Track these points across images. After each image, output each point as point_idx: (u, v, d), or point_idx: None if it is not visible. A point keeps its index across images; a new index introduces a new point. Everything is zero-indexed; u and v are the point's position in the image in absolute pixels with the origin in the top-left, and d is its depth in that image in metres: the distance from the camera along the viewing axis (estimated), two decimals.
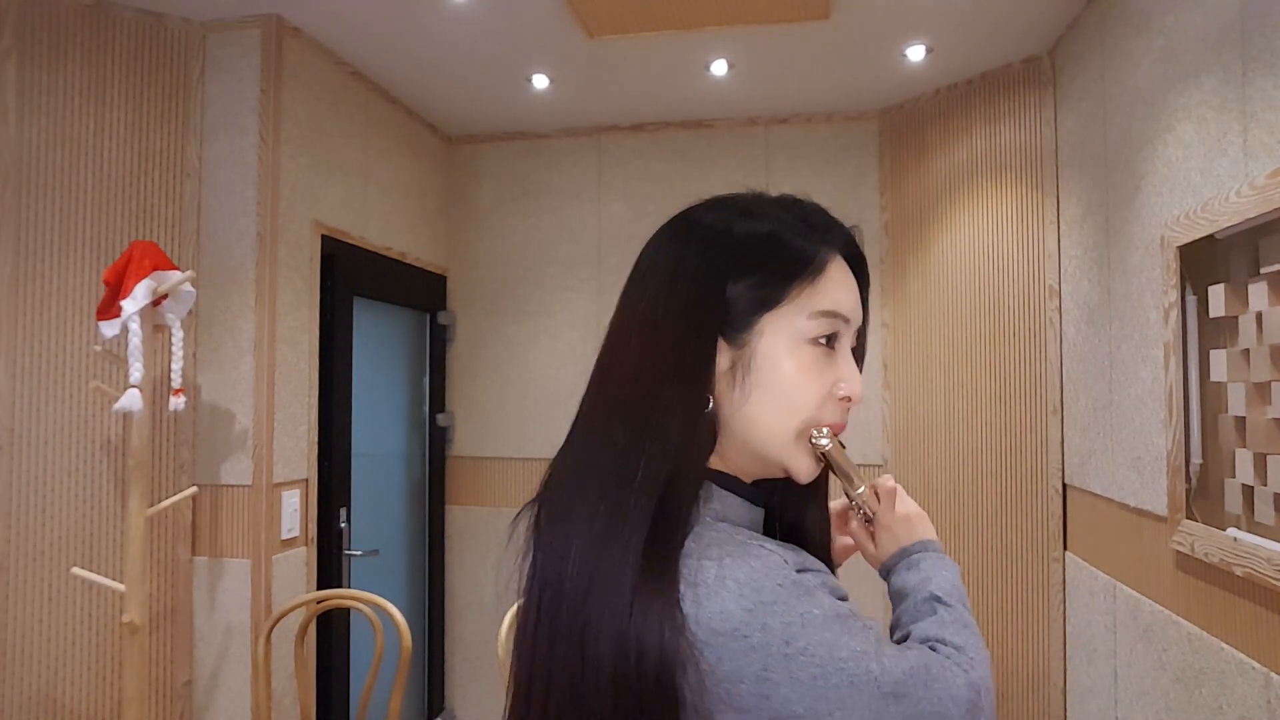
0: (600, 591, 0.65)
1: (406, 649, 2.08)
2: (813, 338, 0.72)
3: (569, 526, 0.69)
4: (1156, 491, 1.81)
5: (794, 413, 0.72)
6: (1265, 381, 1.38)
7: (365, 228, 2.78)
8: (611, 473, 0.69)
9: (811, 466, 0.75)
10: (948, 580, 0.80)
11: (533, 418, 3.33)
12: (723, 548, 0.65)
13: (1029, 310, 2.57)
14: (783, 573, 0.64)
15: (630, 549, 0.65)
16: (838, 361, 0.74)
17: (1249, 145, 1.43)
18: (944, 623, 0.75)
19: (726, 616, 0.62)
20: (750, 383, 0.71)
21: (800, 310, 0.72)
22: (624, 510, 0.67)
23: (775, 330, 0.72)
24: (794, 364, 0.72)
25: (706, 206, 0.80)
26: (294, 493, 2.39)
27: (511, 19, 2.37)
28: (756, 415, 0.72)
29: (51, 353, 2.07)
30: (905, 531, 0.85)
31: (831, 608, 0.65)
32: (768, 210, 0.76)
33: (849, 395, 0.74)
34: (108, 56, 2.18)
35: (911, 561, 0.82)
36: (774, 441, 0.72)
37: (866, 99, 2.99)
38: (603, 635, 0.64)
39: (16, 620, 2.00)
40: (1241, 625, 1.48)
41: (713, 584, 0.63)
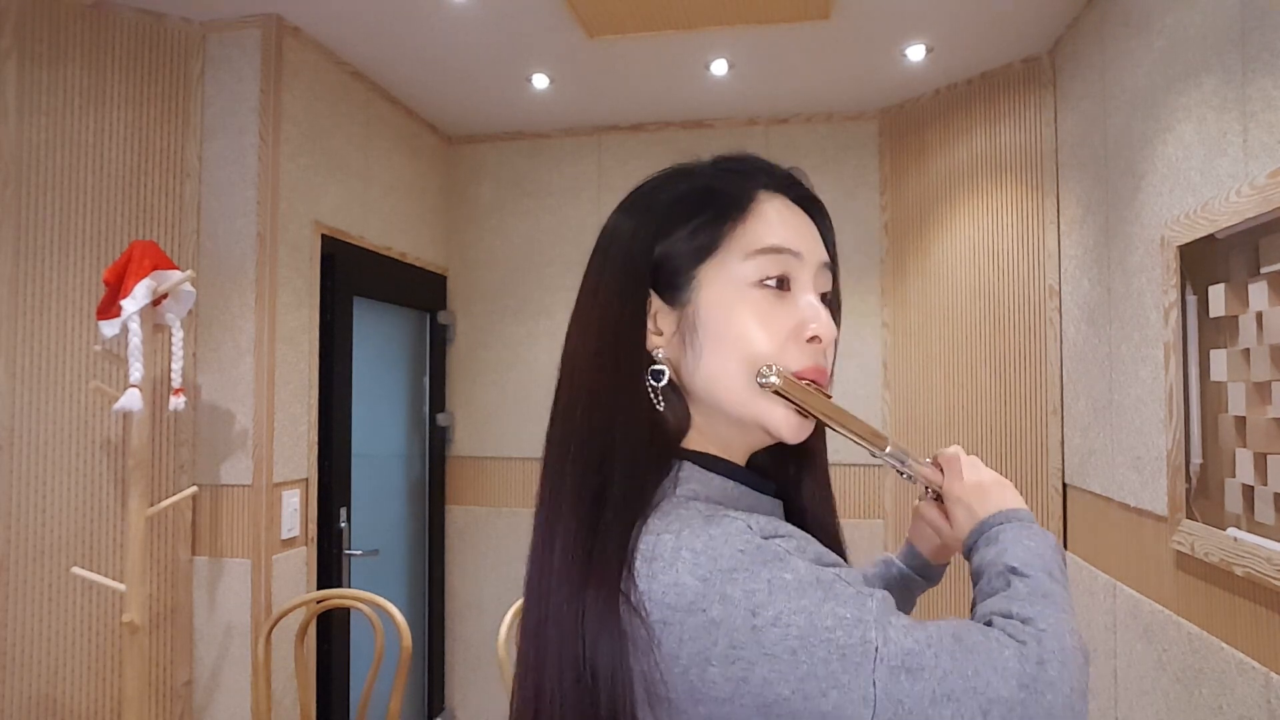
0: (546, 591, 0.63)
1: (406, 649, 2.08)
2: (757, 280, 0.67)
3: (533, 526, 0.69)
4: (1156, 491, 1.81)
5: (749, 357, 0.65)
6: (1265, 381, 1.38)
7: (365, 228, 2.78)
8: (551, 460, 0.67)
9: (790, 418, 0.67)
10: (1029, 549, 0.67)
11: (533, 418, 3.33)
12: (685, 521, 0.59)
13: (1029, 310, 2.56)
14: (744, 538, 0.57)
15: (569, 538, 0.62)
16: (797, 302, 0.68)
17: (1249, 145, 1.43)
18: (1015, 595, 0.63)
19: (681, 589, 0.56)
20: (700, 340, 0.67)
21: (735, 252, 0.67)
22: (558, 499, 0.64)
23: (713, 279, 0.67)
24: (741, 308, 0.66)
25: (645, 181, 0.76)
26: (294, 493, 2.39)
27: (511, 19, 2.37)
28: (712, 370, 0.66)
29: (51, 353, 2.07)
30: (981, 501, 0.74)
31: (809, 572, 0.56)
32: (693, 169, 0.74)
33: (818, 335, 0.67)
34: (108, 56, 2.18)
35: (990, 536, 0.71)
36: (733, 395, 0.66)
37: (866, 99, 2.99)
38: (554, 630, 0.61)
39: (16, 620, 2.00)
40: (1241, 625, 1.48)
41: (669, 556, 0.57)
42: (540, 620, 0.63)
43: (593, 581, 0.59)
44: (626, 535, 0.60)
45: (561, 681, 0.60)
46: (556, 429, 0.68)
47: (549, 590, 0.63)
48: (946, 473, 0.77)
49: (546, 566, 0.64)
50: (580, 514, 0.62)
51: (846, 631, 0.54)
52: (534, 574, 0.66)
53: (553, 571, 0.63)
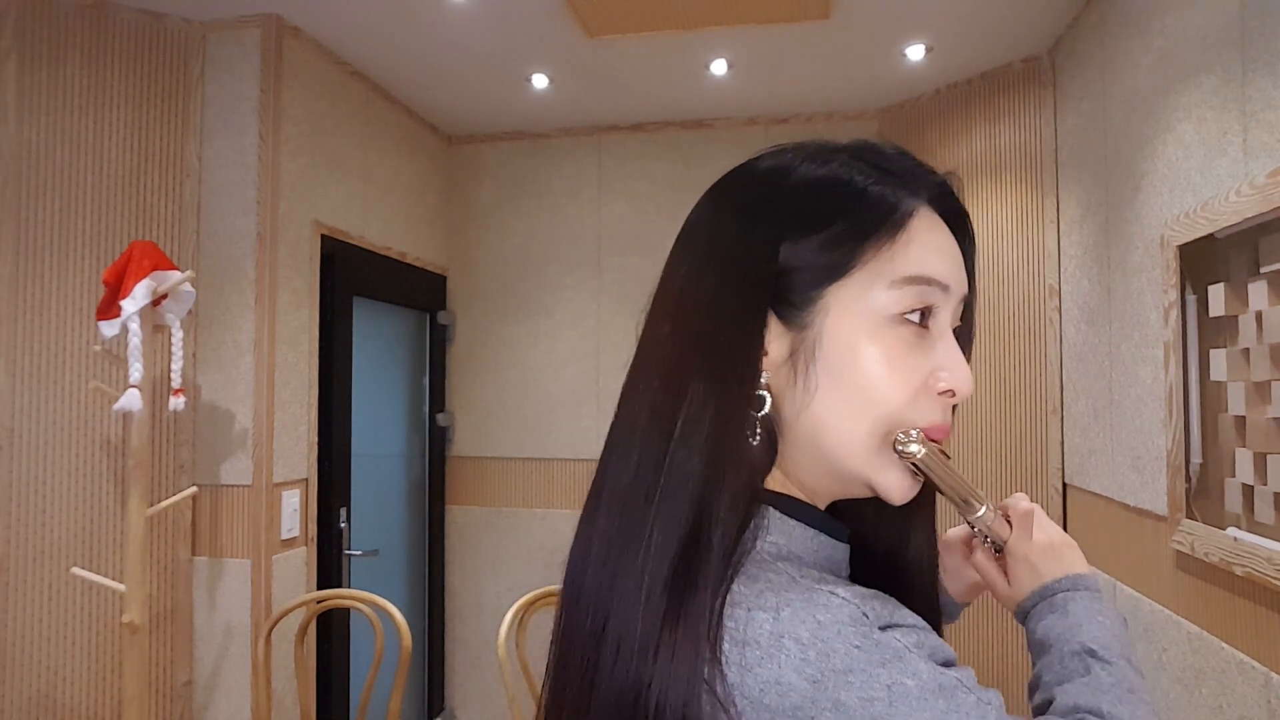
0: (612, 633, 0.52)
1: (406, 649, 2.08)
2: (898, 313, 0.56)
3: (587, 549, 0.57)
4: (1156, 491, 1.81)
5: (874, 410, 0.56)
6: (1265, 381, 1.38)
7: (365, 228, 2.78)
8: (629, 488, 0.55)
9: (906, 482, 0.58)
10: (1106, 629, 0.61)
11: (533, 418, 3.33)
12: (781, 594, 0.50)
13: (1029, 310, 2.57)
14: (859, 630, 0.48)
15: (643, 586, 0.51)
16: (935, 345, 0.57)
17: (1249, 145, 1.43)
18: (1100, 686, 0.57)
19: (785, 689, 0.47)
20: (816, 374, 0.56)
21: (878, 278, 0.56)
22: (639, 536, 0.53)
23: (846, 305, 0.56)
24: (874, 349, 0.55)
25: (764, 154, 0.64)
26: (294, 493, 2.38)
27: (511, 19, 2.37)
28: (826, 416, 0.56)
29: (51, 353, 2.07)
30: (1048, 564, 0.66)
31: (931, 677, 0.48)
32: (834, 155, 0.61)
33: (952, 388, 0.57)
34: (108, 56, 2.18)
35: (1056, 603, 0.64)
36: (850, 450, 0.56)
37: (866, 99, 2.99)
38: (612, 688, 0.51)
39: (16, 620, 2.00)
40: (1241, 625, 1.48)
41: (766, 644, 0.48)
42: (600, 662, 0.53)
43: (677, 654, 0.49)
44: (719, 598, 0.50)
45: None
46: (629, 462, 0.56)
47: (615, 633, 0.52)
48: (1016, 529, 0.69)
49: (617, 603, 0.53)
50: (669, 563, 0.51)
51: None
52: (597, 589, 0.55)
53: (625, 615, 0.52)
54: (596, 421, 3.28)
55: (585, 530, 0.59)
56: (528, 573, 3.28)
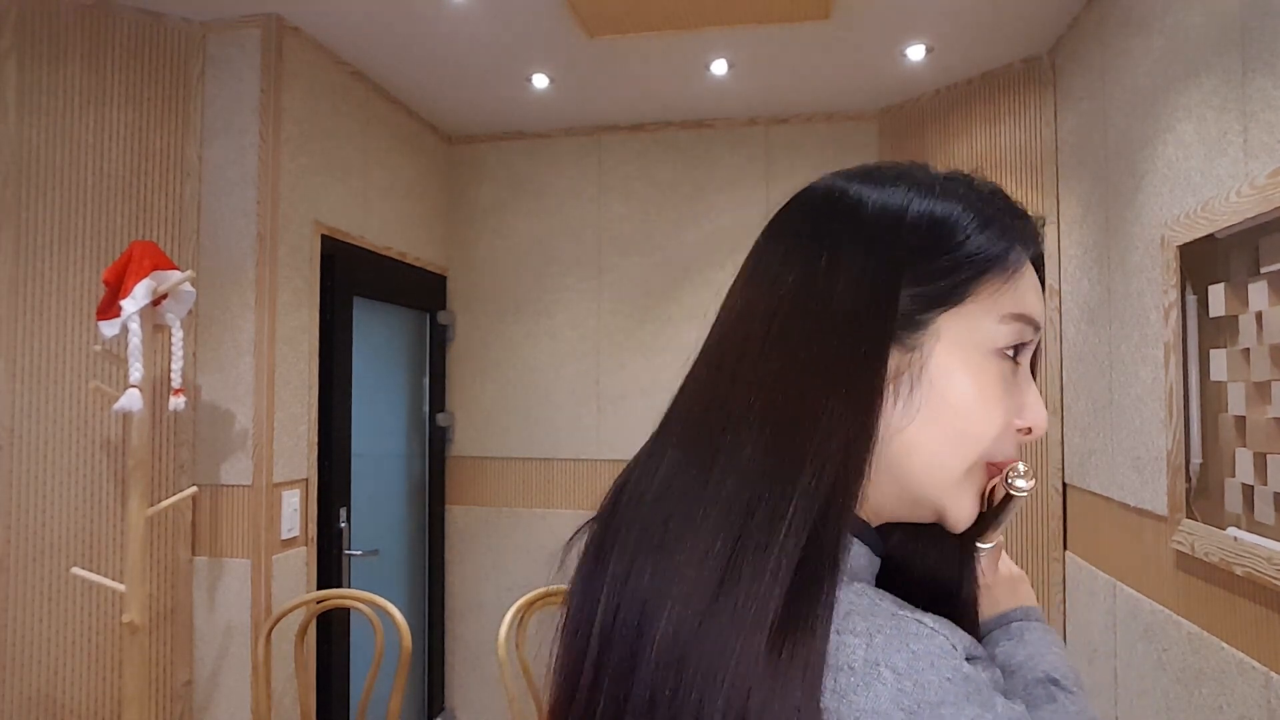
0: (712, 657, 0.49)
1: (406, 649, 2.08)
2: (1001, 347, 0.57)
3: (661, 564, 0.54)
4: (1156, 491, 1.81)
5: (969, 442, 0.57)
6: (1265, 381, 1.38)
7: (365, 228, 2.78)
8: (739, 502, 0.53)
9: (973, 512, 0.60)
10: (1060, 659, 0.68)
11: (533, 418, 3.33)
12: (869, 620, 0.50)
13: None
14: (951, 663, 0.49)
15: (763, 608, 0.49)
16: (1021, 383, 0.60)
17: (1249, 145, 1.43)
18: (1068, 713, 0.64)
19: (881, 717, 0.48)
20: (918, 397, 0.56)
21: (989, 311, 0.57)
22: (762, 553, 0.51)
23: (956, 333, 0.57)
24: (975, 380, 0.57)
25: (862, 181, 0.63)
26: (294, 493, 2.39)
27: (511, 19, 2.37)
28: (919, 440, 0.57)
29: (51, 353, 2.07)
30: (1007, 594, 0.72)
31: (1005, 713, 0.50)
32: (948, 188, 0.61)
33: (1030, 427, 0.60)
34: (108, 56, 2.18)
35: (1012, 630, 0.70)
36: (937, 477, 0.57)
37: (866, 99, 2.99)
38: (706, 713, 0.49)
39: (16, 620, 2.00)
40: (1241, 625, 1.48)
41: (861, 670, 0.48)
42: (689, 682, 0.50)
43: (790, 669, 0.48)
44: (830, 614, 0.50)
45: None
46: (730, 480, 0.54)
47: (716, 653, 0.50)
48: (985, 560, 0.72)
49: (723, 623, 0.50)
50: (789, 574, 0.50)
51: None
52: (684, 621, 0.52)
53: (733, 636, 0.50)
54: (596, 421, 3.28)
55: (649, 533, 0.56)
56: (528, 573, 3.28)
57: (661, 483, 0.57)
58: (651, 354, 3.23)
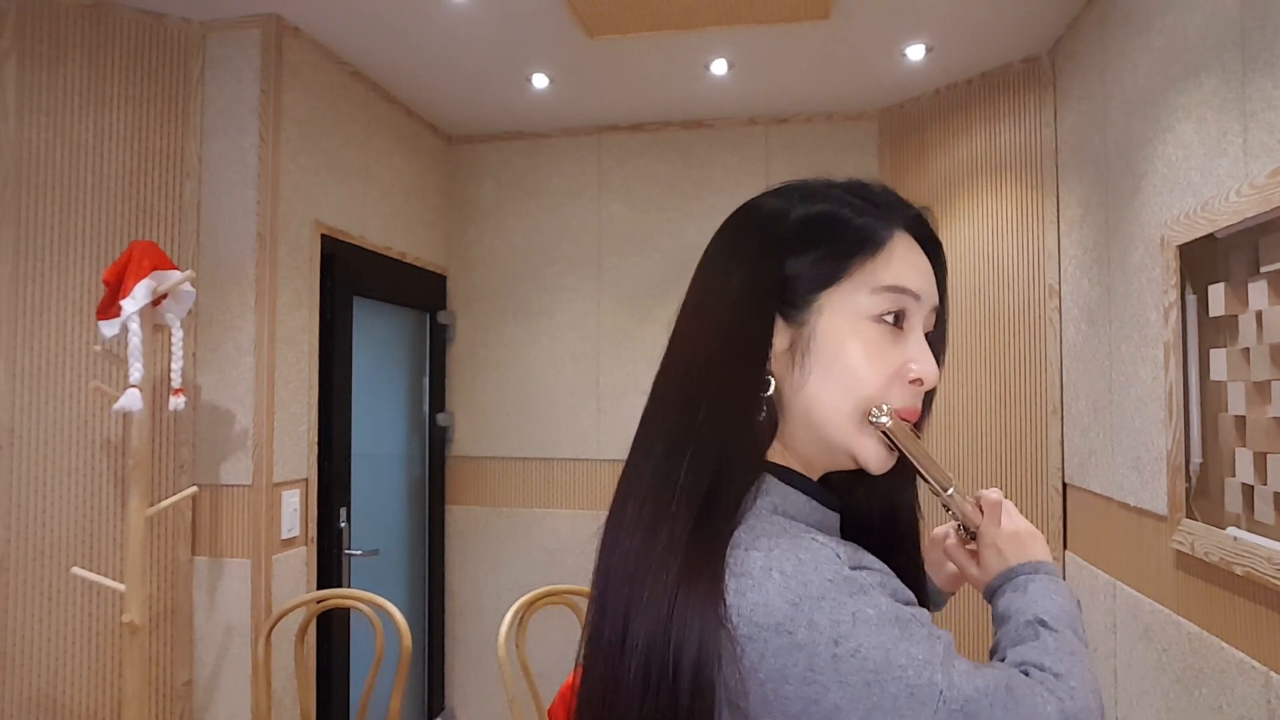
0: (643, 573, 0.63)
1: (406, 649, 2.08)
2: (876, 314, 0.69)
3: (623, 512, 0.69)
4: (1156, 491, 1.81)
5: (855, 390, 0.68)
6: (1265, 380, 1.38)
7: (365, 228, 2.78)
8: (662, 456, 0.67)
9: (881, 453, 0.70)
10: (1058, 605, 0.72)
11: (533, 418, 3.33)
12: (772, 539, 0.62)
13: (1029, 310, 2.57)
14: (833, 567, 0.60)
15: (676, 532, 0.63)
16: (908, 342, 0.70)
17: (1249, 145, 1.43)
18: (1046, 648, 0.68)
19: (770, 609, 0.58)
20: (810, 362, 0.68)
21: (861, 286, 0.69)
22: (671, 493, 0.65)
23: (835, 307, 0.69)
24: (856, 341, 0.68)
25: (770, 193, 0.76)
26: (294, 493, 2.39)
27: (511, 19, 2.37)
28: (817, 394, 0.68)
29: (51, 353, 2.07)
30: (1014, 550, 0.77)
31: (890, 610, 0.59)
32: (830, 192, 0.74)
33: (920, 377, 0.70)
34: (108, 56, 2.18)
35: (1018, 584, 0.75)
36: (835, 421, 0.69)
37: (866, 99, 2.99)
38: (642, 618, 0.62)
39: (16, 620, 2.00)
40: (1241, 625, 1.48)
41: (757, 575, 0.59)
42: (627, 609, 0.64)
43: (695, 584, 0.60)
44: (726, 541, 0.62)
45: (646, 674, 0.61)
46: (670, 423, 0.69)
47: (643, 581, 0.64)
48: (986, 516, 0.79)
49: (645, 558, 0.64)
50: (692, 515, 0.63)
51: (917, 671, 0.57)
52: (625, 562, 0.66)
53: (651, 565, 0.63)
54: (596, 421, 3.28)
55: (618, 505, 0.70)
56: (528, 573, 3.28)
57: (626, 460, 0.72)
58: (651, 354, 3.22)
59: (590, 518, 3.24)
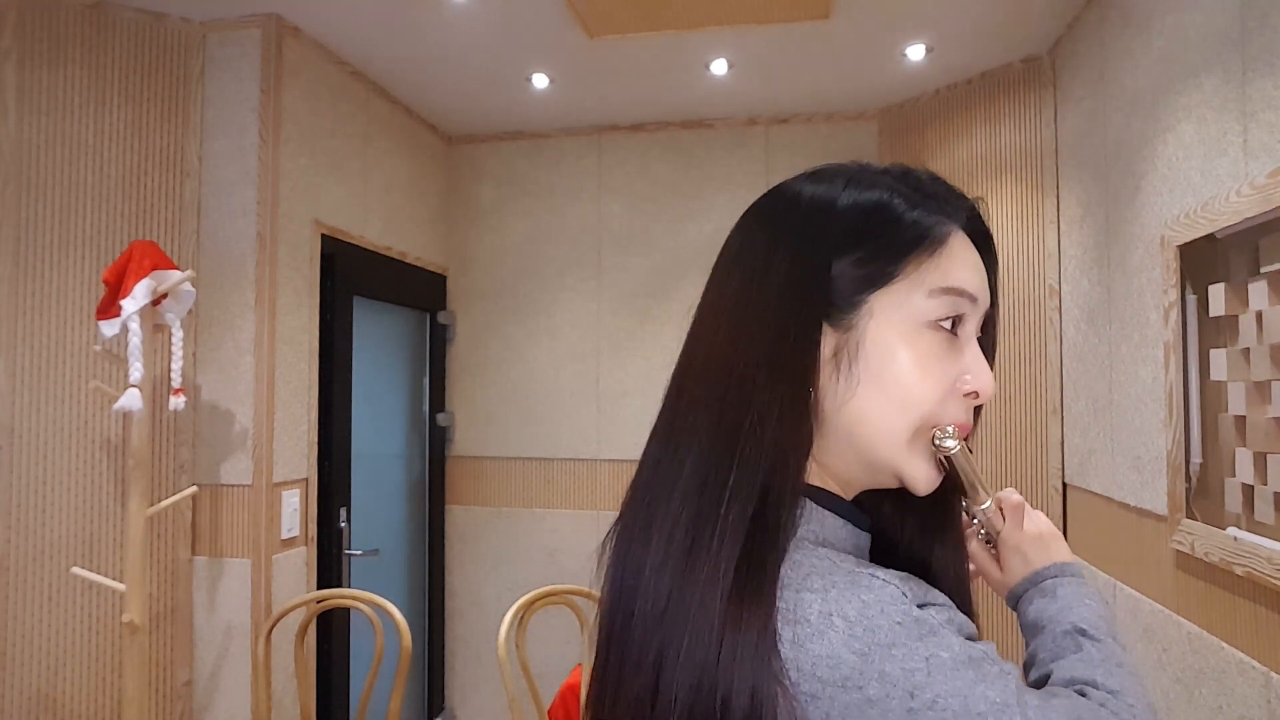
0: (679, 617, 0.56)
1: (406, 649, 2.08)
2: (933, 320, 0.62)
3: (646, 542, 0.60)
4: (1156, 491, 1.81)
5: (910, 407, 0.61)
6: (1265, 381, 1.38)
7: (365, 227, 2.78)
8: (694, 479, 0.59)
9: (931, 474, 0.63)
10: (1092, 610, 0.68)
11: (533, 418, 3.33)
12: (826, 577, 0.55)
13: (1029, 310, 2.57)
14: (900, 608, 0.53)
15: (719, 568, 0.55)
16: (962, 350, 0.64)
17: (1249, 145, 1.43)
18: (1092, 661, 0.64)
19: (836, 662, 0.52)
20: (858, 371, 0.61)
21: (917, 287, 0.62)
22: (711, 522, 0.57)
23: (888, 310, 0.61)
24: (910, 351, 0.61)
25: (805, 178, 0.68)
26: (294, 492, 2.38)
27: (511, 19, 2.37)
28: (865, 409, 0.61)
29: (51, 353, 2.07)
30: (1037, 552, 0.73)
31: (963, 650, 0.54)
32: (878, 179, 0.66)
33: (976, 390, 0.63)
34: (108, 56, 2.18)
35: (1046, 588, 0.71)
36: (885, 441, 0.62)
37: (866, 99, 2.99)
38: (681, 669, 0.54)
39: (16, 620, 2.00)
40: (1241, 625, 1.48)
41: (816, 622, 0.53)
42: (660, 658, 0.57)
43: (744, 632, 0.53)
44: (776, 580, 0.55)
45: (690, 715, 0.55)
46: (703, 443, 0.60)
47: (679, 627, 0.56)
48: (1008, 519, 0.75)
49: (681, 601, 0.56)
50: (736, 550, 0.56)
51: (995, 716, 0.53)
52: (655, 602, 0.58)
53: (689, 609, 0.56)
54: (596, 421, 3.28)
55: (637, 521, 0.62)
56: (528, 573, 3.28)
57: (644, 473, 0.64)
58: (651, 354, 3.23)
59: (590, 518, 3.24)
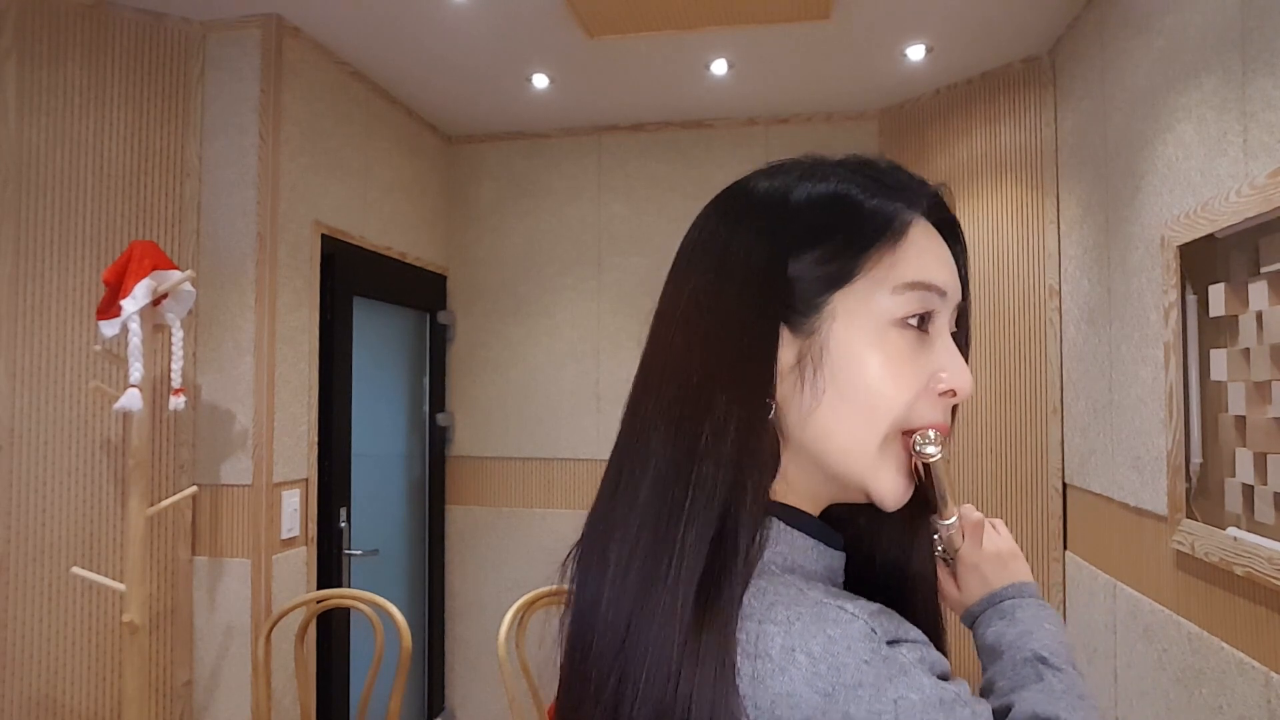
0: (637, 651, 0.53)
1: (406, 649, 2.08)
2: (900, 318, 0.57)
3: (603, 572, 0.57)
4: (1156, 491, 1.81)
5: (880, 414, 0.57)
6: (1265, 381, 1.38)
7: (365, 228, 2.78)
8: (651, 503, 0.56)
9: (901, 487, 0.59)
10: (1052, 636, 0.66)
11: (533, 418, 3.33)
12: (791, 609, 0.51)
13: (1029, 310, 2.56)
14: (869, 645, 0.50)
15: (677, 597, 0.52)
16: (935, 347, 0.59)
17: (1249, 145, 1.43)
18: (1054, 693, 0.62)
19: (796, 702, 0.48)
20: (822, 379, 0.57)
21: (880, 284, 0.57)
22: (669, 550, 0.53)
23: (850, 311, 0.57)
24: (878, 353, 0.57)
25: (761, 174, 0.64)
26: (294, 492, 2.38)
27: (511, 19, 2.37)
28: (831, 422, 0.57)
29: (51, 353, 2.07)
30: (996, 572, 0.71)
31: (934, 691, 0.50)
32: (833, 170, 0.62)
33: (953, 388, 0.59)
34: (108, 56, 2.18)
35: (1004, 609, 0.68)
36: (854, 453, 0.57)
37: (866, 99, 2.99)
38: (639, 706, 0.52)
39: (16, 620, 2.00)
40: (1241, 625, 1.48)
41: (778, 657, 0.49)
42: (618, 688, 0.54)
43: (703, 660, 0.50)
44: (736, 605, 0.52)
45: None
46: (659, 460, 0.57)
47: (638, 658, 0.53)
48: (968, 537, 0.73)
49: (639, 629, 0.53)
50: (695, 577, 0.52)
51: None
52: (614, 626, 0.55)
53: (646, 640, 0.53)
54: (596, 421, 3.28)
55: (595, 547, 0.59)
56: (528, 573, 3.28)
57: (602, 495, 0.61)
58: None
59: None
